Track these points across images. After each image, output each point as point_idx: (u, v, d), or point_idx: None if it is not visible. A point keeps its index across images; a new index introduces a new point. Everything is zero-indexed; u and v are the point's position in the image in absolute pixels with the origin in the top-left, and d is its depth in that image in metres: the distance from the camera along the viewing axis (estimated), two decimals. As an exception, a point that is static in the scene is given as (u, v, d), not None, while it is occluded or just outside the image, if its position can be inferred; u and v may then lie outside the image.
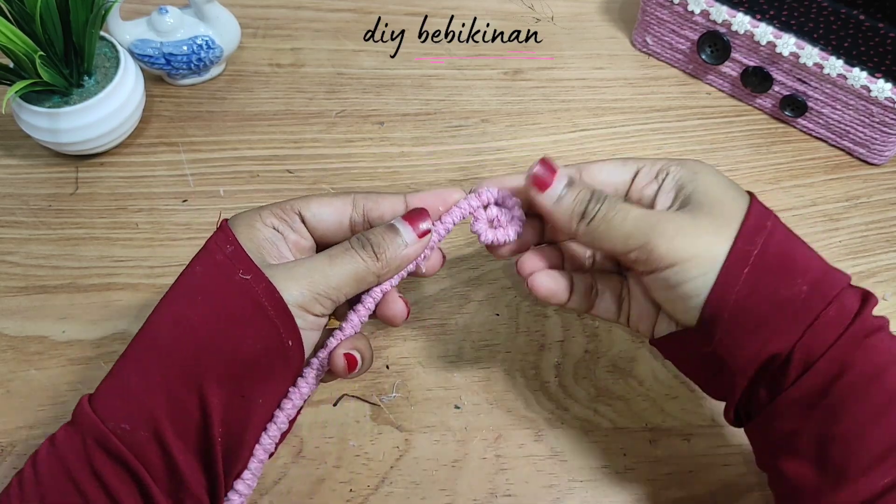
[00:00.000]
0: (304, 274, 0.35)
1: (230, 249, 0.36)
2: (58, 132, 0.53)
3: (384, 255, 0.36)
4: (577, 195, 0.36)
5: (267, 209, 0.38)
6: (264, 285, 0.34)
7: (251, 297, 0.34)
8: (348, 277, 0.36)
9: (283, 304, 0.34)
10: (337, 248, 0.37)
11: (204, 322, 0.34)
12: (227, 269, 0.35)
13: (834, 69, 0.57)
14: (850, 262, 0.55)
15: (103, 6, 0.52)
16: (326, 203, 0.38)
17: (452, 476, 0.45)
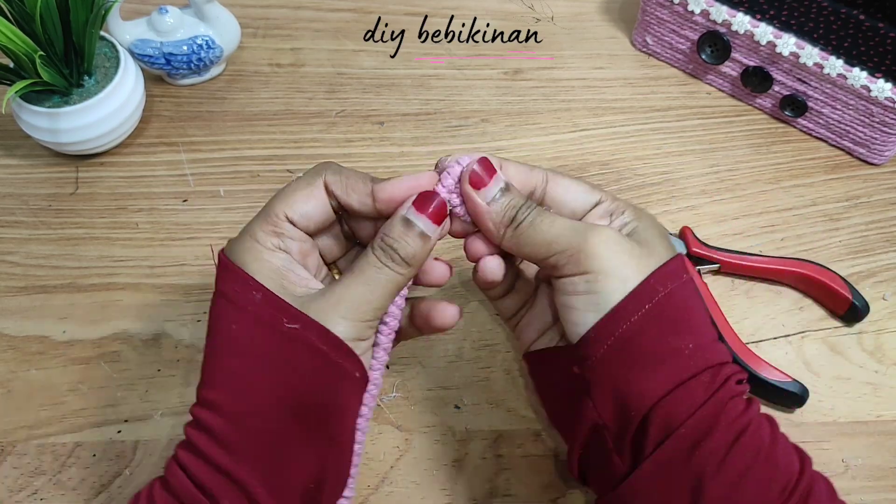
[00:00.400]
0: (349, 308, 0.34)
1: (259, 297, 0.34)
2: (58, 132, 0.53)
3: (414, 258, 0.35)
4: (511, 200, 0.36)
5: (258, 229, 0.36)
6: (317, 330, 0.33)
7: (309, 346, 0.33)
8: (389, 294, 0.35)
9: (342, 343, 0.34)
10: (368, 269, 0.35)
11: (270, 385, 0.33)
12: (269, 322, 0.33)
13: (834, 69, 0.57)
14: (850, 261, 0.55)
15: (103, 6, 0.52)
16: (306, 199, 0.36)
17: (452, 476, 0.45)
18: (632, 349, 0.34)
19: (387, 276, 0.35)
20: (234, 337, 0.34)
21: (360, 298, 0.35)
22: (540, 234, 0.36)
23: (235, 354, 0.34)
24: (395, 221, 0.36)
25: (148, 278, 0.52)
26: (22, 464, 0.44)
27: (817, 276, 0.52)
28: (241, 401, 0.33)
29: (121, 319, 0.50)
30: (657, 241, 0.37)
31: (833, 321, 0.52)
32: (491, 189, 0.36)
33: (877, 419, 0.48)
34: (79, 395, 0.47)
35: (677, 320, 0.34)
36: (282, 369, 0.33)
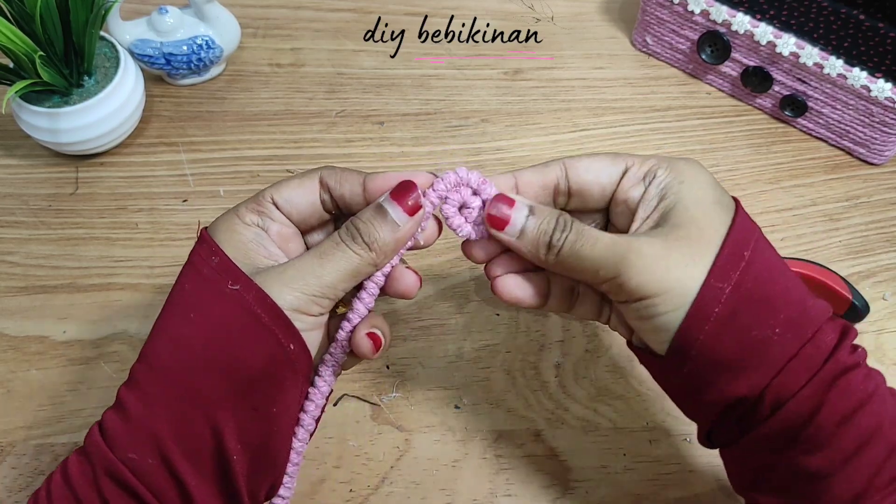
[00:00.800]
0: (295, 276, 0.34)
1: (215, 261, 0.34)
2: (58, 132, 0.53)
3: (376, 243, 0.34)
4: (540, 225, 0.35)
5: (242, 206, 0.36)
6: (254, 293, 0.33)
7: (244, 307, 0.33)
8: (343, 274, 0.34)
9: (277, 309, 0.33)
10: (327, 243, 0.35)
11: (200, 341, 0.33)
12: (215, 282, 0.34)
13: (834, 69, 0.57)
14: (850, 261, 0.55)
15: (103, 6, 0.52)
16: (296, 186, 0.36)
17: (452, 476, 0.45)
18: (715, 358, 0.33)
19: (343, 253, 0.34)
20: (182, 296, 0.35)
21: (309, 270, 0.34)
22: (583, 260, 0.34)
23: (178, 313, 0.34)
24: (369, 206, 0.35)
25: (148, 278, 0.52)
26: (21, 464, 0.44)
27: (817, 276, 0.52)
28: (172, 355, 0.33)
29: (121, 319, 0.50)
30: (703, 212, 0.34)
31: None
32: (515, 223, 0.35)
33: (877, 419, 0.48)
34: (79, 395, 0.47)
35: (753, 308, 0.32)
36: (217, 330, 0.33)
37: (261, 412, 0.34)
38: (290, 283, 0.34)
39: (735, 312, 0.32)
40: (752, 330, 0.32)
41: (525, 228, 0.35)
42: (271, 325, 0.33)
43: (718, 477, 0.45)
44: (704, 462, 0.46)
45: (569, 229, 0.34)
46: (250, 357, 0.33)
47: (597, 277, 0.34)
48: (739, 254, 0.33)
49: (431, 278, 0.53)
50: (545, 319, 0.51)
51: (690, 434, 0.47)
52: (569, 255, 0.34)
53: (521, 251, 0.35)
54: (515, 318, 0.51)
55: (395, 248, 0.35)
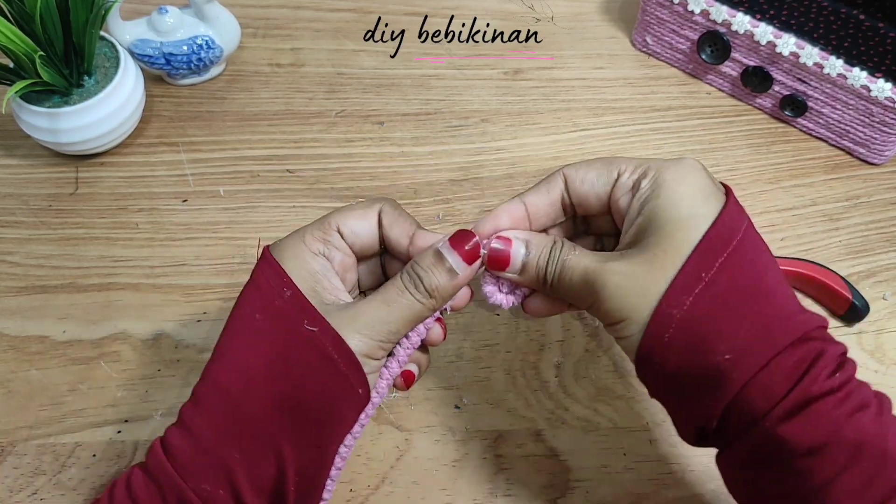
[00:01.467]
0: (367, 324, 0.35)
1: (288, 294, 0.35)
2: (58, 132, 0.53)
3: (437, 291, 0.36)
4: (536, 261, 0.37)
5: (309, 233, 0.37)
6: (332, 337, 0.34)
7: (321, 350, 0.34)
8: (406, 320, 0.36)
9: (353, 355, 0.34)
10: (391, 290, 0.36)
11: (274, 376, 0.34)
12: (291, 319, 0.34)
13: (834, 69, 0.57)
14: (850, 261, 0.55)
15: (103, 6, 0.52)
16: (360, 217, 0.38)
17: (452, 476, 0.45)
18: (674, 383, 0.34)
19: (408, 301, 0.35)
20: (253, 325, 0.35)
21: (377, 317, 0.35)
22: (570, 289, 0.36)
23: (248, 343, 0.35)
24: (428, 252, 0.36)
25: (148, 278, 0.52)
26: (22, 464, 0.44)
27: (817, 276, 0.52)
28: (240, 384, 0.34)
29: (121, 319, 0.50)
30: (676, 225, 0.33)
31: (833, 321, 0.52)
32: (514, 263, 0.37)
33: (877, 419, 0.48)
34: (79, 395, 0.47)
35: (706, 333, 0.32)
36: (289, 366, 0.34)
37: (322, 448, 0.35)
38: (361, 329, 0.35)
39: (686, 339, 0.32)
40: (701, 357, 0.32)
41: (525, 265, 0.37)
42: (346, 371, 0.34)
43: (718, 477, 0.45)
44: (705, 462, 0.46)
45: (556, 261, 0.36)
46: (322, 398, 0.34)
47: (583, 303, 0.36)
48: (697, 275, 0.33)
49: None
50: (545, 319, 0.51)
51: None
52: (558, 286, 0.36)
53: (524, 284, 0.38)
54: (515, 319, 0.51)
55: (452, 295, 0.37)
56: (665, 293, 0.33)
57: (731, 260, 0.33)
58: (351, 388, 0.35)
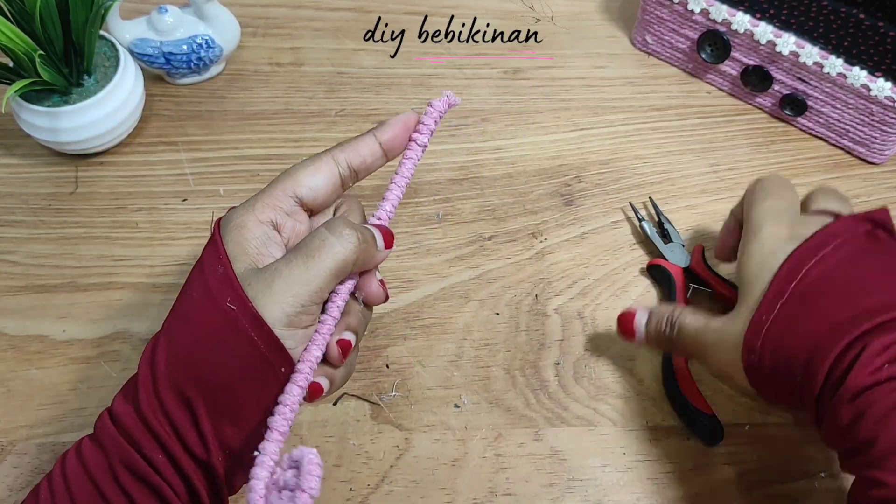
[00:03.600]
0: (284, 289, 0.34)
1: (221, 271, 0.35)
2: (57, 131, 0.53)
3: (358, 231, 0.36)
4: (655, 331, 0.43)
5: (261, 203, 0.37)
6: (251, 316, 0.34)
7: (240, 331, 0.34)
8: (328, 276, 0.35)
9: (272, 335, 0.34)
10: (310, 245, 0.35)
11: (197, 357, 0.34)
12: (216, 297, 0.34)
13: (834, 68, 0.57)
14: (850, 261, 0.55)
15: (103, 5, 0.52)
16: (313, 172, 0.38)
17: (452, 475, 0.45)
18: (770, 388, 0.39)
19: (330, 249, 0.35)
20: (189, 304, 0.35)
21: (297, 279, 0.34)
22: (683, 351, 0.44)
23: (184, 323, 0.35)
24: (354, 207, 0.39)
25: (148, 277, 0.52)
26: (22, 463, 0.44)
27: None
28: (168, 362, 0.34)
29: (121, 319, 0.50)
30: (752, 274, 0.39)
31: None
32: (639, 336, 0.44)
33: (876, 418, 0.48)
34: (79, 394, 0.47)
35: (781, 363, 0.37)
36: (211, 347, 0.34)
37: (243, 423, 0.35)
38: (279, 299, 0.34)
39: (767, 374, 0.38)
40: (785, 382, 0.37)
41: (648, 333, 0.44)
42: (266, 352, 0.34)
43: (719, 476, 0.45)
44: (705, 461, 0.46)
45: (673, 326, 0.42)
46: (241, 380, 0.34)
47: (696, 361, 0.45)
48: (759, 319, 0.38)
49: (431, 277, 0.53)
50: (545, 319, 0.51)
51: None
52: (676, 350, 0.43)
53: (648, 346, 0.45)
54: (515, 318, 0.51)
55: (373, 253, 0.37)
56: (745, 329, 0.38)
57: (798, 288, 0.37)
58: (271, 370, 0.34)
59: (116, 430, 0.34)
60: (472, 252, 0.54)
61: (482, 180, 0.58)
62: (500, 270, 0.53)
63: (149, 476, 0.33)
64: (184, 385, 0.34)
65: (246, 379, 0.34)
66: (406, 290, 0.52)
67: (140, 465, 0.33)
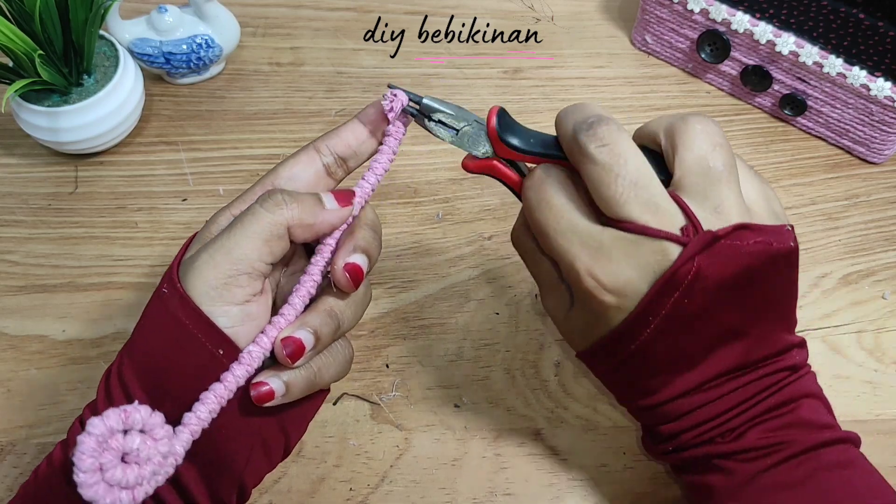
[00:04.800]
0: (206, 260, 0.31)
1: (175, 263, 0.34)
2: (57, 131, 0.53)
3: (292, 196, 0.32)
4: None
5: (239, 199, 0.36)
6: (178, 298, 0.31)
7: (171, 315, 0.31)
8: (251, 241, 0.31)
9: (200, 313, 0.31)
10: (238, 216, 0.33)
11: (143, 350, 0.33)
12: (158, 286, 0.33)
13: (833, 68, 0.57)
14: (850, 260, 0.55)
15: (103, 5, 0.52)
16: (292, 164, 0.36)
17: (452, 475, 0.45)
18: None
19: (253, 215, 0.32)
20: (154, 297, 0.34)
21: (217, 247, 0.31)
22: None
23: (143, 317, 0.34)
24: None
25: (147, 277, 0.52)
26: (22, 463, 0.44)
27: None
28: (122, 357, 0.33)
29: (121, 319, 0.50)
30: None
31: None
32: None
33: (876, 418, 0.48)
34: (79, 394, 0.47)
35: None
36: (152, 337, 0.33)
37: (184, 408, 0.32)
38: (201, 271, 0.31)
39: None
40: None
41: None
42: (197, 334, 0.31)
43: (718, 476, 0.45)
44: (704, 461, 0.46)
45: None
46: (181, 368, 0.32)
47: None
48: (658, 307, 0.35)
49: (431, 277, 0.53)
50: (545, 318, 0.51)
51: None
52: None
53: None
54: (515, 318, 0.51)
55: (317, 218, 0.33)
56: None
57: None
58: (204, 350, 0.31)
59: None
60: (472, 252, 0.54)
61: (482, 180, 0.58)
62: (499, 270, 0.53)
63: None
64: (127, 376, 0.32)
65: (183, 363, 0.32)
66: (406, 290, 0.52)
67: None
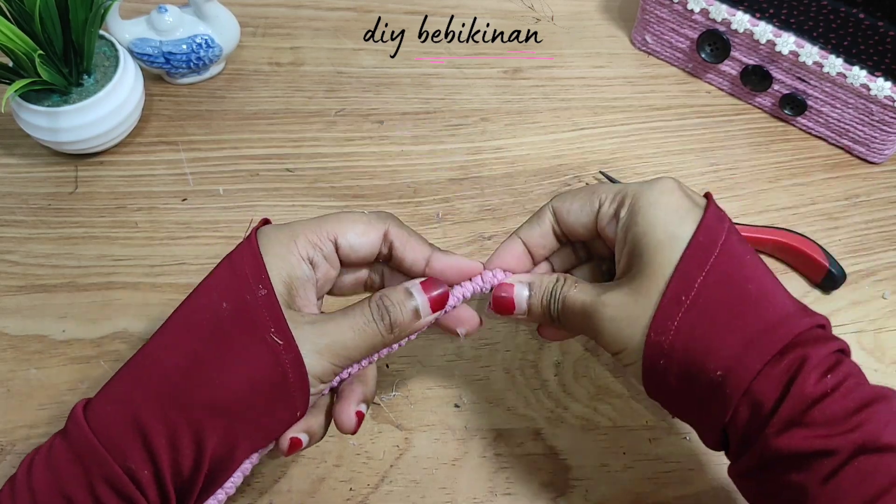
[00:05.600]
0: (329, 347, 0.34)
1: (263, 294, 0.34)
2: (57, 131, 0.53)
3: (398, 328, 0.36)
4: (540, 301, 0.38)
5: (302, 235, 0.36)
6: (293, 356, 0.33)
7: (278, 365, 0.33)
8: (366, 349, 0.36)
9: (307, 379, 0.34)
10: (358, 317, 0.35)
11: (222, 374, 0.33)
12: (258, 322, 0.33)
13: (833, 68, 0.57)
14: (850, 260, 0.55)
15: (102, 5, 0.52)
16: (361, 234, 0.37)
17: (452, 475, 0.45)
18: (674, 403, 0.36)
19: (372, 331, 0.35)
20: (217, 312, 0.34)
21: (341, 342, 0.35)
22: (573, 326, 0.38)
23: (208, 331, 0.34)
24: (399, 288, 0.37)
25: (147, 277, 0.52)
26: (22, 463, 0.44)
27: (795, 244, 0.53)
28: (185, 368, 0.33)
29: (120, 318, 0.50)
30: (655, 249, 0.34)
31: (811, 289, 0.52)
32: (520, 307, 0.39)
33: (876, 418, 0.48)
34: (78, 394, 0.47)
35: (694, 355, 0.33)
36: (241, 369, 0.33)
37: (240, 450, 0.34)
38: (323, 351, 0.34)
39: (680, 361, 0.34)
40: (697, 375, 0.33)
41: (531, 306, 0.39)
42: (294, 394, 0.34)
43: (718, 475, 0.45)
44: (704, 460, 0.46)
45: (559, 298, 0.37)
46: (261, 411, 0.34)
47: (589, 335, 0.37)
48: (678, 299, 0.33)
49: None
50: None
51: (690, 432, 0.47)
52: (564, 320, 0.38)
53: (533, 322, 0.40)
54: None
55: (409, 335, 0.37)
56: (651, 322, 0.34)
57: (711, 277, 0.34)
58: (292, 409, 0.35)
59: (96, 436, 0.32)
60: (472, 252, 0.54)
61: (482, 180, 0.58)
62: (499, 270, 0.53)
63: (131, 494, 0.32)
64: (196, 397, 0.33)
65: (269, 410, 0.34)
66: (406, 289, 0.52)
67: (123, 482, 0.31)
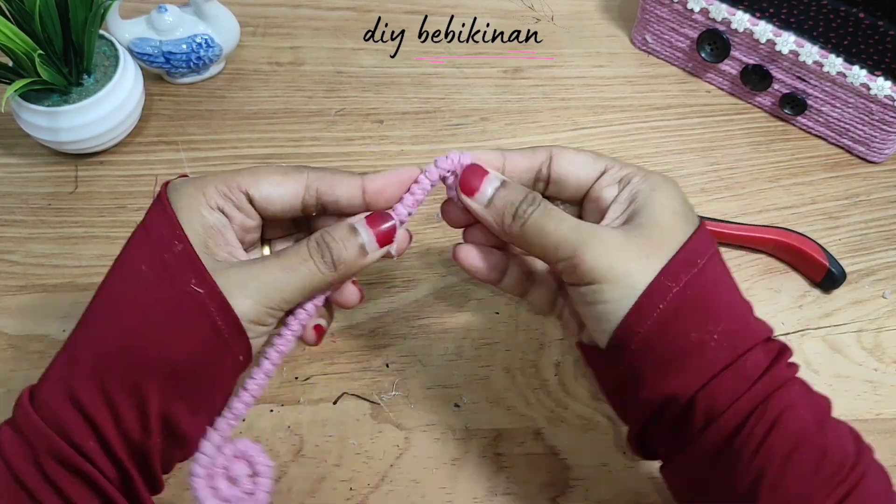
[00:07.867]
0: (258, 288, 0.33)
1: (179, 248, 0.33)
2: (57, 131, 0.53)
3: (343, 265, 0.35)
4: (508, 196, 0.36)
5: (211, 186, 0.35)
6: (218, 302, 0.33)
7: (205, 314, 0.33)
8: (303, 289, 0.34)
9: (238, 322, 0.33)
10: (293, 256, 0.34)
11: (153, 335, 0.33)
12: (178, 276, 0.33)
13: (833, 67, 0.57)
14: (850, 259, 0.55)
15: (102, 5, 0.52)
16: (276, 183, 0.36)
17: (452, 474, 0.45)
18: (652, 355, 0.34)
19: (309, 270, 0.34)
20: (138, 276, 0.34)
21: (272, 283, 0.34)
22: (545, 235, 0.35)
23: (132, 297, 0.33)
24: (342, 224, 0.35)
25: (147, 277, 0.52)
26: (22, 462, 0.44)
27: (795, 243, 0.53)
28: (118, 337, 0.33)
29: (120, 318, 0.50)
30: (670, 220, 0.35)
31: (812, 288, 0.53)
32: (484, 192, 0.36)
33: (876, 417, 0.48)
34: (79, 393, 0.47)
35: (696, 312, 0.33)
36: (169, 326, 0.33)
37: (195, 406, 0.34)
38: (252, 293, 0.33)
39: (678, 312, 0.33)
40: (691, 332, 0.33)
41: (494, 198, 0.36)
42: (229, 338, 0.33)
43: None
44: (704, 460, 0.46)
45: (536, 204, 0.35)
46: (200, 362, 0.33)
47: (555, 255, 0.35)
48: (693, 261, 0.34)
49: (431, 277, 0.53)
50: (545, 318, 0.51)
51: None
52: (532, 228, 0.35)
53: (488, 221, 0.37)
54: (515, 317, 0.51)
55: (356, 272, 0.36)
56: (664, 267, 0.33)
57: (715, 259, 0.35)
58: (232, 356, 0.34)
59: (40, 417, 0.32)
60: (472, 251, 0.54)
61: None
62: (499, 270, 0.53)
63: (79, 464, 0.31)
64: (129, 363, 0.32)
65: (206, 362, 0.33)
66: (406, 289, 0.52)
67: (68, 454, 0.31)
